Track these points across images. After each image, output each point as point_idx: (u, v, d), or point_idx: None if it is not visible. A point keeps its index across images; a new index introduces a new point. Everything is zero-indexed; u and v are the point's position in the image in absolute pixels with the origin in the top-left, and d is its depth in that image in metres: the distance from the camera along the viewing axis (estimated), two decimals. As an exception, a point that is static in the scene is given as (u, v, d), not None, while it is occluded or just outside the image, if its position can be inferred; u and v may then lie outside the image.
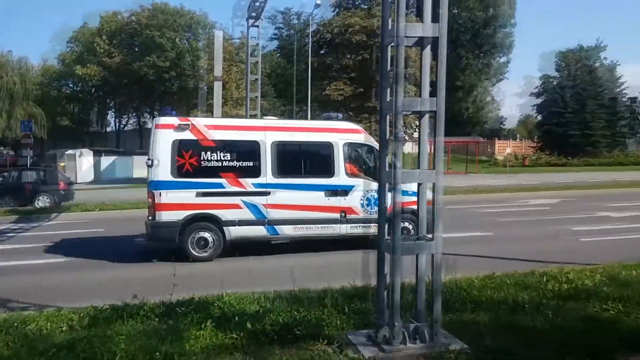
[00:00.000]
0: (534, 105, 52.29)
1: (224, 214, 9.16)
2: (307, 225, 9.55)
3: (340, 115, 11.07)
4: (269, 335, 4.65)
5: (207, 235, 9.17)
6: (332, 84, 30.04)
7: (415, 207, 5.94)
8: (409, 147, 31.60)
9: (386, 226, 4.55)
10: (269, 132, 9.53)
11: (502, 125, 66.04)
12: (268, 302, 5.65)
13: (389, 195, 4.45)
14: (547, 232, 11.34)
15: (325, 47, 32.65)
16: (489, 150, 49.14)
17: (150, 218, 9.08)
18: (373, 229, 8.76)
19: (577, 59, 48.63)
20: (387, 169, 4.52)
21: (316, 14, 39.25)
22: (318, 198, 9.50)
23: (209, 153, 9.12)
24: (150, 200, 9.03)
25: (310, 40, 30.95)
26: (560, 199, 18.06)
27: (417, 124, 5.41)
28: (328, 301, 5.53)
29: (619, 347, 4.40)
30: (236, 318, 5.04)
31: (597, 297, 5.55)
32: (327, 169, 9.62)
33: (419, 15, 4.54)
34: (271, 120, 10.75)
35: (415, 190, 4.47)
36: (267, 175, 9.28)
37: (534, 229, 11.90)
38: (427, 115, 4.54)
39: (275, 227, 9.39)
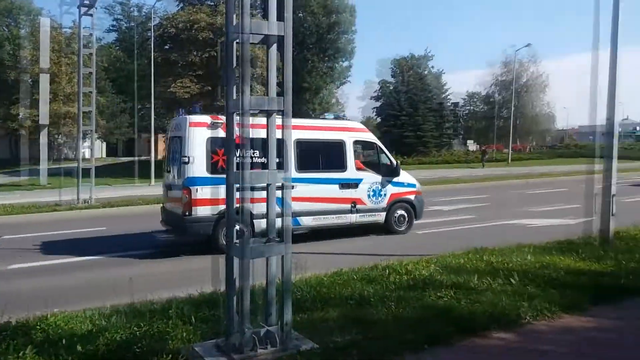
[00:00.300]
0: (374, 108, 56.38)
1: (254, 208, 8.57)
2: (324, 216, 10.32)
3: (345, 114, 11.80)
4: (104, 357, 4.16)
5: (247, 230, 8.48)
6: (177, 81, 28.77)
7: (411, 196, 7.52)
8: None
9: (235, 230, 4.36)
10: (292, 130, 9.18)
11: (346, 126, 69.77)
12: (103, 319, 5.07)
13: (265, 199, 4.27)
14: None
15: (170, 43, 31.17)
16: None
17: (187, 214, 9.14)
18: (377, 217, 10.83)
19: (409, 67, 53.50)
20: (235, 170, 4.32)
21: (159, 7, 37.33)
22: (333, 190, 10.36)
23: (239, 150, 8.27)
24: (186, 196, 9.14)
25: (152, 35, 29.28)
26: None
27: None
28: (173, 312, 5.15)
29: (453, 332, 4.79)
30: (64, 341, 4.43)
31: (433, 286, 6.00)
32: (340, 164, 10.54)
33: (265, 17, 4.45)
34: (294, 119, 9.95)
35: (411, 181, 4.50)
36: (292, 171, 8.72)
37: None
38: (274, 115, 4.46)
39: (298, 218, 9.67)
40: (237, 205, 4.31)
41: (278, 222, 4.46)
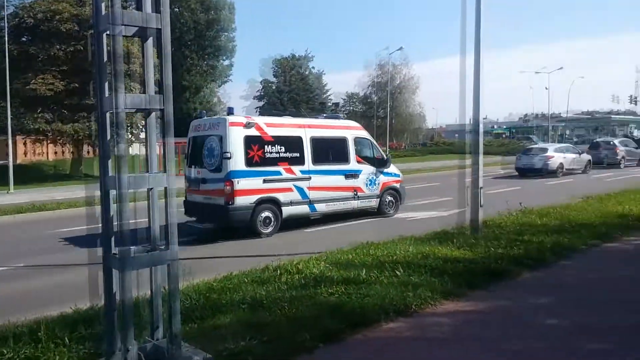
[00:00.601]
0: (257, 107, 56.11)
1: (281, 197, 10.98)
2: (334, 203, 11.91)
3: (341, 115, 14.08)
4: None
5: (270, 214, 10.87)
6: (38, 77, 26.02)
7: (397, 185, 9.71)
8: (136, 149, 29.92)
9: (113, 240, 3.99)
10: (307, 129, 11.75)
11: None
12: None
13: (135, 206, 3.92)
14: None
15: (28, 34, 28.12)
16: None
17: (230, 203, 10.30)
18: (372, 203, 12.69)
19: (290, 66, 54.09)
20: (110, 174, 3.94)
21: (14, -6, 33.52)
22: (340, 180, 11.98)
23: (269, 146, 10.90)
24: (228, 187, 10.32)
25: (6, 25, 26.21)
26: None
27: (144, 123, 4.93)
28: (43, 334, 4.60)
29: (346, 328, 4.86)
30: None
31: (325, 284, 6.04)
32: (344, 158, 12.17)
33: (139, 8, 4.11)
34: (307, 119, 13.13)
35: (396, 171, 6.48)
36: (309, 164, 11.46)
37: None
38: (154, 114, 4.14)
39: (314, 205, 11.55)
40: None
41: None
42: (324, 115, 13.89)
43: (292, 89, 51.21)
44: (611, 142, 29.45)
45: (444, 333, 4.87)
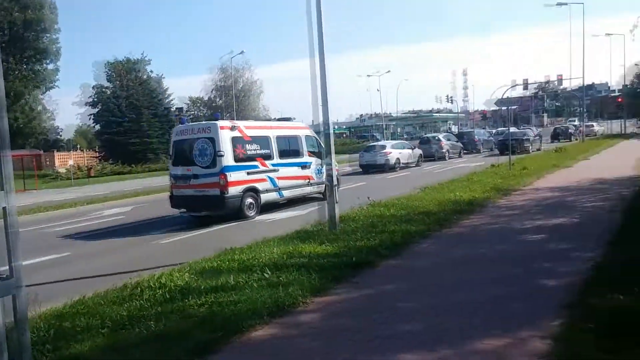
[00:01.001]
0: (91, 114, 51.63)
1: (259, 186, 13.16)
2: (294, 189, 14.49)
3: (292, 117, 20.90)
4: None
5: (253, 201, 12.96)
6: None
7: (336, 172, 9.92)
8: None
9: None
10: (273, 129, 14.37)
11: (59, 136, 62.22)
12: None
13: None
14: (129, 241, 11.29)
15: None
16: (48, 163, 45.48)
17: (225, 193, 12.26)
18: (320, 189, 14.99)
19: (127, 70, 50.72)
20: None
21: None
22: (298, 171, 14.51)
23: (248, 145, 13.06)
24: (222, 180, 12.23)
25: None
26: (133, 206, 18.41)
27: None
28: None
29: (219, 338, 4.71)
30: None
31: (192, 295, 5.79)
32: (299, 153, 14.78)
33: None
34: (271, 122, 16.90)
35: (335, 162, 9.51)
36: (276, 158, 13.77)
37: (116, 239, 11.63)
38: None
39: (282, 191, 13.98)
40: None
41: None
42: (277, 119, 16.53)
43: (130, 94, 47.98)
44: (437, 137, 33.03)
45: (317, 328, 4.98)
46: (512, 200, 12.26)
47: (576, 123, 59.66)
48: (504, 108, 53.75)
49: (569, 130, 46.96)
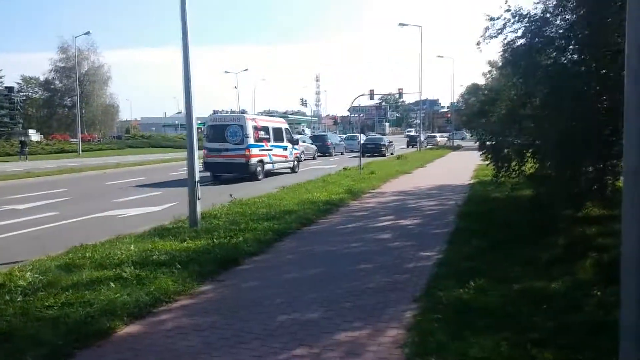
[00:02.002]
0: None
1: (265, 159, 20.25)
2: (279, 164, 21.71)
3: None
4: None
5: (261, 168, 19.93)
6: None
7: (300, 155, 25.32)
8: None
9: None
10: (269, 122, 22.21)
11: None
12: None
13: None
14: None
15: None
16: None
17: (248, 161, 19.12)
18: (292, 165, 22.95)
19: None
20: None
21: None
22: (281, 151, 21.75)
23: (260, 131, 20.16)
24: (247, 153, 19.03)
25: None
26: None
27: None
28: None
29: (72, 343, 4.34)
30: None
31: (38, 297, 5.22)
32: (282, 139, 22.01)
33: None
34: (269, 117, 26.93)
35: (298, 147, 24.37)
36: (271, 141, 20.94)
37: None
38: None
39: (273, 165, 21.22)
40: None
41: None
42: (266, 114, 22.08)
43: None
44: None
45: (182, 327, 4.84)
46: (364, 202, 13.14)
47: (413, 133, 67.12)
48: (354, 115, 57.67)
49: (420, 139, 52.99)
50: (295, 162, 23.19)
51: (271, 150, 20.74)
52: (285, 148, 22.11)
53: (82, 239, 8.01)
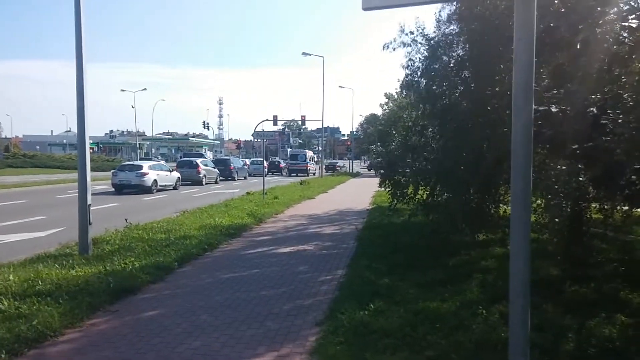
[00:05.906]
0: None
1: (309, 169, 53.85)
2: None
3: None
4: None
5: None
6: None
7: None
8: None
9: None
10: (303, 150, 60.90)
11: None
12: None
13: None
14: None
15: None
16: None
17: (308, 169, 51.45)
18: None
19: None
20: None
21: None
22: (300, 165, 52.78)
23: (307, 157, 55.81)
24: (306, 167, 51.57)
25: None
26: None
27: None
28: None
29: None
30: None
31: None
32: (305, 159, 54.01)
33: None
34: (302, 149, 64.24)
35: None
36: (302, 161, 53.20)
37: None
38: None
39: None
40: None
41: None
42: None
43: None
44: (195, 162, 33.02)
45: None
46: (266, 227, 13.10)
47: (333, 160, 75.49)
48: (257, 140, 60.02)
49: (337, 165, 67.86)
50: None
51: (302, 164, 50.97)
52: (307, 164, 50.95)
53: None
